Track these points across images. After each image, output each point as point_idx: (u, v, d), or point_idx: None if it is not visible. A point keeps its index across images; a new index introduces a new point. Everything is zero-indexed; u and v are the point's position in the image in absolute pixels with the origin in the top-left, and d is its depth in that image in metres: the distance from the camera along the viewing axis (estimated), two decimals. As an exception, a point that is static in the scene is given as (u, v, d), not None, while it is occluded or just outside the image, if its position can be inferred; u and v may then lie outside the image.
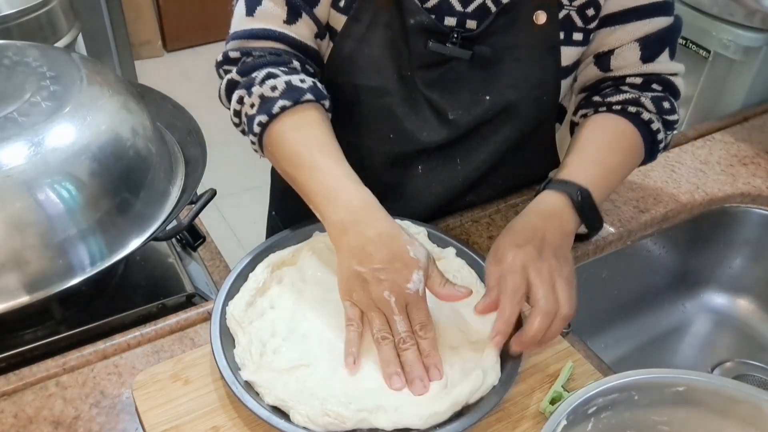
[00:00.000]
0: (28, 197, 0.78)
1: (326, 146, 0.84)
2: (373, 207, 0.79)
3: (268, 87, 0.84)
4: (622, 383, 0.69)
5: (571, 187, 0.84)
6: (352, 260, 0.76)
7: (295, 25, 0.88)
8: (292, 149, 0.83)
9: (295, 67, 0.88)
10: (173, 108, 1.08)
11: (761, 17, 1.31)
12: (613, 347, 1.14)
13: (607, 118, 0.93)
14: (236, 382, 0.72)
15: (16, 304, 0.79)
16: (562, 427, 0.65)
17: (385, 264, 0.74)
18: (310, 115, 0.85)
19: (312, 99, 0.85)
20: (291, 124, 0.84)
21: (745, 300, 1.20)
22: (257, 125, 0.85)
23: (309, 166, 0.82)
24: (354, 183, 0.81)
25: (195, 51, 3.72)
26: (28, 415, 0.76)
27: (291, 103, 0.84)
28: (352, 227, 0.77)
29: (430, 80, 0.92)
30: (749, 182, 1.16)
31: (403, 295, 0.74)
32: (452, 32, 0.88)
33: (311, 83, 0.86)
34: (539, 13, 0.88)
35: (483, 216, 1.05)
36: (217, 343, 0.76)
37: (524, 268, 0.76)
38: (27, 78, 0.88)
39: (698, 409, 0.69)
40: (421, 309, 0.76)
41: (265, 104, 0.84)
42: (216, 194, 0.99)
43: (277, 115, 0.84)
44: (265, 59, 0.87)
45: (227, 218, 2.56)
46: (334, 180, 0.81)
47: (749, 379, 1.12)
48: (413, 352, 0.75)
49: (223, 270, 1.01)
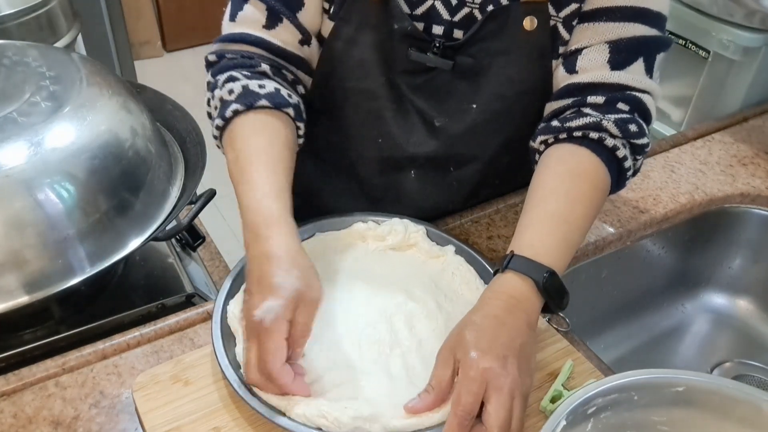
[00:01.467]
0: (27, 197, 0.78)
1: (260, 155, 0.81)
2: (273, 224, 0.75)
3: (227, 90, 0.84)
4: (622, 383, 0.68)
5: (536, 270, 0.75)
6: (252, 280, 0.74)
7: (275, 30, 0.88)
8: (232, 157, 0.83)
9: (262, 71, 0.86)
10: (173, 108, 1.08)
11: (761, 17, 1.31)
12: (613, 347, 1.14)
13: (568, 155, 0.84)
14: (238, 381, 0.73)
15: (15, 304, 0.79)
16: (561, 427, 0.65)
17: (251, 286, 0.73)
18: (259, 122, 0.83)
19: (267, 105, 0.83)
20: (238, 131, 0.83)
21: (745, 300, 1.20)
22: (215, 128, 0.86)
23: (239, 176, 0.80)
24: (268, 198, 0.77)
25: (195, 51, 3.72)
26: (28, 415, 0.76)
27: (243, 107, 0.83)
28: (248, 246, 0.75)
29: (415, 86, 0.91)
30: (749, 182, 1.16)
31: (250, 322, 0.70)
32: (434, 41, 0.87)
33: (272, 89, 0.84)
34: (528, 18, 0.86)
35: (483, 216, 1.05)
36: (219, 342, 0.76)
37: (483, 383, 0.66)
38: (27, 78, 0.88)
39: (698, 409, 0.69)
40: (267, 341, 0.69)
41: (222, 108, 0.84)
42: (216, 194, 0.99)
43: (230, 119, 0.84)
44: (234, 61, 0.87)
45: (227, 218, 2.55)
46: (250, 196, 0.78)
47: (749, 379, 1.12)
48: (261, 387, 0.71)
49: (222, 270, 1.01)
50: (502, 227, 1.03)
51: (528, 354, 0.72)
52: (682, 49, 1.46)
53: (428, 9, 0.87)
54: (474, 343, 0.68)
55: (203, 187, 0.97)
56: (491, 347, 0.68)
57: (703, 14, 1.40)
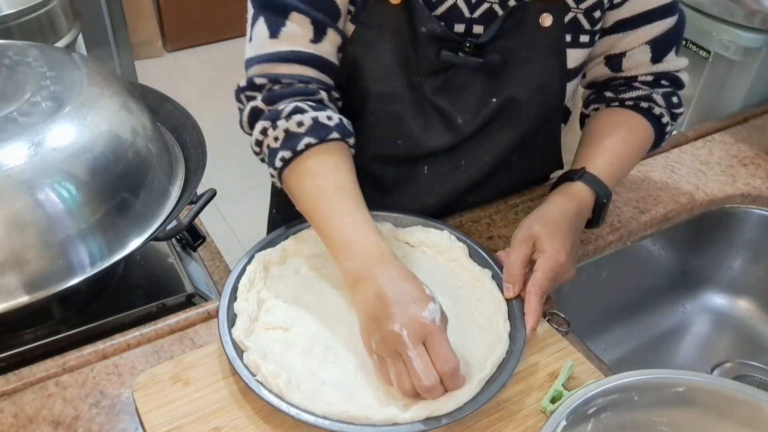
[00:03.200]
0: (28, 197, 0.78)
1: (346, 191, 0.82)
2: (387, 257, 0.77)
3: (295, 122, 0.83)
4: (622, 383, 0.69)
5: (601, 188, 0.91)
6: (368, 308, 0.74)
7: (321, 43, 0.86)
8: (312, 190, 0.82)
9: (321, 99, 0.86)
10: (173, 108, 1.08)
11: (761, 18, 1.31)
12: (613, 347, 1.14)
13: (621, 112, 0.99)
14: (249, 376, 0.74)
15: (16, 304, 0.79)
16: (561, 427, 0.65)
17: (397, 300, 0.72)
18: (333, 156, 0.84)
19: (338, 137, 0.84)
20: (313, 164, 0.83)
21: (745, 300, 1.20)
22: (279, 160, 0.84)
23: (327, 211, 0.81)
24: (370, 232, 0.79)
25: (195, 51, 3.72)
26: (28, 415, 0.76)
27: (317, 141, 0.82)
28: (366, 277, 0.75)
29: (436, 86, 0.92)
30: (749, 183, 1.16)
31: (418, 326, 0.70)
32: (464, 41, 0.88)
33: (338, 120, 0.85)
34: (545, 15, 0.88)
35: (483, 216, 1.05)
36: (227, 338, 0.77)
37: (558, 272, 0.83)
38: (27, 78, 0.88)
39: (698, 409, 0.69)
40: (441, 341, 0.71)
41: (290, 140, 0.83)
42: (216, 194, 0.99)
43: (302, 152, 0.83)
44: (293, 89, 0.85)
45: (227, 218, 2.56)
46: (350, 228, 0.79)
47: (749, 379, 1.12)
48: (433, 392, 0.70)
49: (223, 270, 1.01)
50: (503, 227, 1.03)
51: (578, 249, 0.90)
52: (682, 50, 1.46)
53: (449, 8, 0.87)
54: (555, 238, 0.84)
55: (203, 187, 0.97)
56: (564, 245, 0.84)
57: (703, 14, 1.40)
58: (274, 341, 0.79)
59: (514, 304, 0.83)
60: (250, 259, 0.87)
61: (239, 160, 2.56)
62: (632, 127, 0.98)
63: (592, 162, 0.93)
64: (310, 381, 0.75)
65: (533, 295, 0.81)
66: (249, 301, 0.81)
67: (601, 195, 0.91)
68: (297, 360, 0.77)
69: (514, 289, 0.83)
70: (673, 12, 0.94)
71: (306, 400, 0.72)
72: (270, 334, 0.80)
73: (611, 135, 0.97)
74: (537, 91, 0.93)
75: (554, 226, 0.85)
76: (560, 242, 0.83)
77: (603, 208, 0.92)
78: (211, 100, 3.10)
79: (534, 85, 0.93)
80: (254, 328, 0.80)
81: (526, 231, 0.85)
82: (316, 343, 0.80)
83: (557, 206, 0.89)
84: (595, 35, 0.93)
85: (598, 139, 0.97)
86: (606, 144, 0.96)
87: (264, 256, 0.87)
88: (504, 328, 0.80)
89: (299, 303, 0.84)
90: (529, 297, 0.81)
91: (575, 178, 0.91)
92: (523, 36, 0.89)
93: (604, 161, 0.94)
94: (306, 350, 0.79)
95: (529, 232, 0.85)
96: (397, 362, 0.71)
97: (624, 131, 0.97)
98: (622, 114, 0.99)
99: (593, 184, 0.91)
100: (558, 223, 0.86)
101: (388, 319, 0.71)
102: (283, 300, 0.84)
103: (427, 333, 0.70)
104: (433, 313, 0.71)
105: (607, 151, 0.95)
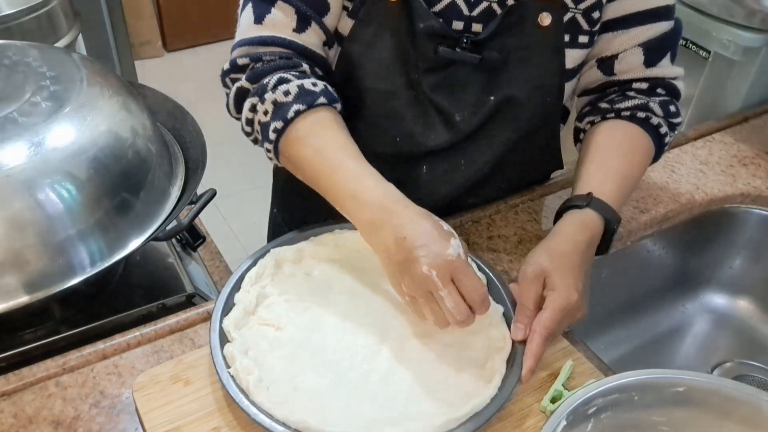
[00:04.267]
0: (27, 197, 0.78)
1: (344, 147, 0.84)
2: (398, 199, 0.79)
3: (281, 92, 0.84)
4: (622, 383, 0.69)
5: (612, 215, 0.87)
6: (391, 253, 0.76)
7: (305, 33, 0.88)
8: (310, 153, 0.83)
9: (305, 71, 0.88)
10: (173, 108, 1.08)
11: (761, 18, 1.31)
12: (613, 347, 1.14)
13: (620, 125, 0.95)
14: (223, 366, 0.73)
15: (16, 304, 0.79)
16: (562, 427, 0.65)
17: (420, 242, 0.74)
18: (324, 118, 0.85)
19: (325, 102, 0.85)
20: (307, 129, 0.84)
21: (745, 300, 1.20)
22: (272, 132, 0.85)
23: (330, 169, 0.82)
24: (376, 179, 0.81)
25: (195, 51, 3.72)
26: (28, 415, 0.76)
27: (305, 107, 0.83)
28: (382, 223, 0.77)
29: (434, 83, 0.92)
30: (749, 183, 1.16)
31: (444, 264, 0.73)
32: (462, 37, 0.88)
33: (323, 86, 0.86)
34: (544, 15, 0.88)
35: (483, 216, 1.05)
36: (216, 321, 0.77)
37: (568, 312, 0.79)
38: (27, 78, 0.88)
39: (698, 409, 0.69)
40: (468, 273, 0.74)
41: (279, 110, 0.84)
42: (216, 194, 0.99)
43: (292, 120, 0.83)
44: (276, 63, 0.86)
45: (227, 218, 2.56)
46: (355, 179, 0.81)
47: (749, 379, 1.12)
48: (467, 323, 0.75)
49: (223, 270, 1.01)
50: (503, 227, 1.03)
51: (588, 284, 0.83)
52: (682, 50, 1.46)
53: (448, 5, 0.88)
54: (567, 276, 0.79)
55: (203, 187, 0.97)
56: (576, 284, 0.79)
57: (703, 14, 1.40)
58: (262, 338, 0.78)
59: (517, 345, 0.78)
60: (265, 253, 0.87)
61: (239, 160, 2.56)
62: (633, 143, 0.94)
63: (599, 185, 0.89)
64: (284, 384, 0.74)
65: (538, 335, 0.76)
66: (250, 294, 0.81)
67: (611, 221, 0.86)
68: (279, 361, 0.76)
69: (525, 331, 0.78)
70: (667, 17, 0.93)
71: (271, 402, 0.71)
72: (261, 330, 0.79)
73: (614, 154, 0.93)
74: (535, 90, 0.93)
75: (565, 260, 0.81)
76: (572, 280, 0.79)
77: (612, 235, 0.88)
78: (211, 100, 3.09)
79: (532, 84, 0.92)
80: (248, 321, 0.80)
81: (536, 267, 0.81)
82: (304, 348, 0.78)
83: (568, 238, 0.84)
84: (593, 36, 0.93)
85: (601, 158, 0.93)
86: (610, 164, 0.91)
87: (279, 252, 0.87)
88: (500, 369, 0.76)
89: (300, 305, 0.83)
90: (533, 337, 0.77)
91: (584, 206, 0.86)
92: (522, 35, 0.89)
93: (611, 184, 0.89)
94: (291, 353, 0.77)
95: (540, 267, 0.80)
96: (431, 301, 0.75)
97: (626, 148, 0.93)
98: (620, 128, 0.95)
99: (603, 212, 0.86)
100: (569, 257, 0.81)
101: (414, 261, 0.73)
102: (285, 299, 0.83)
103: (454, 269, 0.73)
104: (456, 248, 0.74)
105: (612, 172, 0.91)
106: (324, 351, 0.78)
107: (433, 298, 0.74)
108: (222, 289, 0.82)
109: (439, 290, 0.73)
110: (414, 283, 0.74)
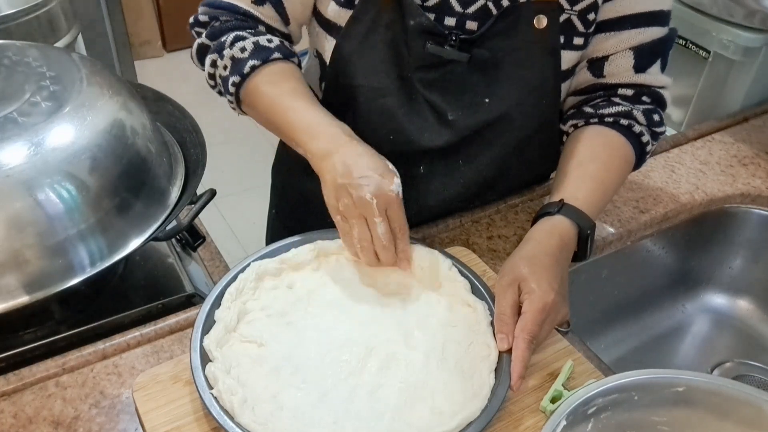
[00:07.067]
0: (27, 197, 0.78)
1: (299, 91, 0.89)
2: (351, 136, 0.85)
3: (238, 49, 0.89)
4: (622, 383, 0.69)
5: (584, 221, 0.86)
6: (336, 176, 0.81)
7: (262, 6, 0.93)
8: (268, 98, 0.89)
9: (261, 32, 0.93)
10: (173, 108, 1.08)
11: (761, 18, 1.31)
12: (613, 347, 1.14)
13: (602, 132, 0.94)
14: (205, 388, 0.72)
15: (15, 304, 0.79)
16: (561, 427, 0.65)
17: (367, 173, 0.80)
18: (280, 70, 0.91)
19: (280, 57, 0.90)
20: (263, 79, 0.90)
21: (745, 300, 1.20)
22: (231, 85, 0.91)
23: (286, 108, 0.88)
24: (331, 118, 0.87)
25: (195, 51, 3.72)
26: (28, 415, 0.76)
27: (260, 62, 0.89)
28: (334, 151, 0.82)
29: (429, 81, 0.92)
30: (749, 182, 1.16)
31: (385, 197, 0.79)
32: (450, 34, 0.88)
33: (278, 42, 0.92)
34: (540, 17, 0.88)
35: (483, 216, 1.05)
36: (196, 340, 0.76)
37: (547, 313, 0.78)
38: (27, 78, 0.88)
39: (698, 409, 0.69)
40: (401, 210, 0.81)
41: (237, 65, 0.90)
42: (216, 194, 0.99)
43: (249, 74, 0.90)
44: (232, 23, 0.92)
45: (227, 218, 2.56)
46: (311, 116, 0.87)
47: (749, 379, 1.12)
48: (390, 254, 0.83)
49: (223, 270, 1.01)
50: (502, 227, 1.03)
51: (566, 286, 0.84)
52: (682, 49, 1.46)
53: (440, 2, 0.88)
54: (541, 278, 0.79)
55: (203, 187, 0.97)
56: (552, 283, 0.79)
57: (703, 14, 1.40)
58: (244, 356, 0.76)
59: (504, 355, 0.77)
60: (245, 267, 0.85)
61: (239, 160, 2.57)
62: (613, 150, 0.93)
63: (573, 191, 0.89)
64: (268, 403, 0.72)
65: (521, 340, 0.76)
66: (230, 310, 0.79)
67: (583, 227, 0.86)
68: (261, 379, 0.74)
69: (508, 340, 0.77)
70: (661, 23, 0.92)
71: (255, 423, 0.69)
72: (243, 347, 0.77)
73: (591, 160, 0.92)
74: (531, 92, 0.93)
75: (538, 264, 0.80)
76: (546, 281, 0.78)
77: (588, 241, 0.87)
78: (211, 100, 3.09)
79: (528, 85, 0.92)
80: (229, 338, 0.78)
81: (509, 275, 0.80)
82: (287, 364, 0.76)
83: (537, 243, 0.84)
84: (588, 38, 0.92)
85: (577, 164, 0.92)
86: (586, 170, 0.91)
87: (260, 266, 0.85)
88: (488, 380, 0.74)
89: (282, 319, 0.81)
90: (517, 343, 0.76)
91: (554, 212, 0.86)
92: (517, 36, 0.89)
93: (585, 190, 0.89)
94: (274, 370, 0.75)
95: (513, 275, 0.80)
96: (362, 224, 0.81)
97: (605, 156, 0.93)
98: (601, 135, 0.94)
99: (574, 217, 0.86)
100: (541, 260, 0.81)
101: (359, 187, 0.79)
102: (267, 314, 0.81)
103: (390, 203, 0.80)
104: (397, 187, 0.80)
105: (587, 178, 0.90)
106: (308, 367, 0.76)
107: (365, 223, 0.81)
108: (201, 306, 0.80)
109: (375, 216, 0.80)
110: (353, 205, 0.80)
